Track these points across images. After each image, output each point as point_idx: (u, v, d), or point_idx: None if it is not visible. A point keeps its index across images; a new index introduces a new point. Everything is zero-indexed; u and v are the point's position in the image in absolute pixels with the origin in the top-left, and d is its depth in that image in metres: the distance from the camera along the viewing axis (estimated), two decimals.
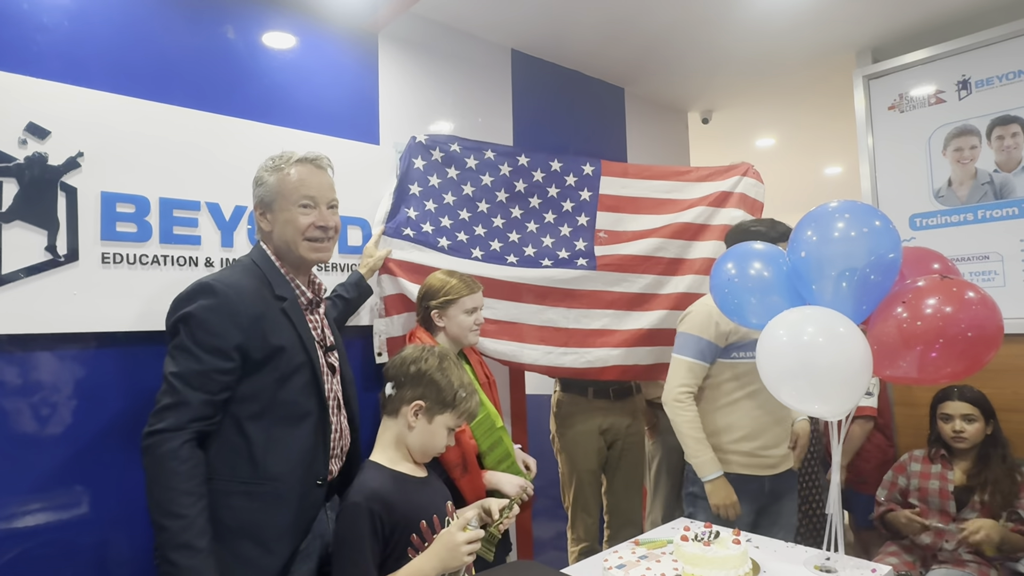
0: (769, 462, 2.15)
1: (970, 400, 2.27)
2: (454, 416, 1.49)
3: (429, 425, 1.47)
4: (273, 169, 1.52)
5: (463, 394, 1.48)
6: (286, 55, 2.12)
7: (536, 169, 2.47)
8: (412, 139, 2.29)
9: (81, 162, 1.63)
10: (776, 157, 4.98)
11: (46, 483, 1.56)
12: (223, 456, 1.38)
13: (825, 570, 1.57)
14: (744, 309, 1.83)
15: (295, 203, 1.50)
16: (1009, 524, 2.15)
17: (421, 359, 1.50)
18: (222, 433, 1.39)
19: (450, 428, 1.50)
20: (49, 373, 1.59)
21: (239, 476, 1.39)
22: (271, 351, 1.41)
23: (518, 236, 2.43)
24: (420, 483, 1.49)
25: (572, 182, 2.52)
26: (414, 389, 1.47)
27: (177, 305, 1.40)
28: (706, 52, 3.04)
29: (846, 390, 1.54)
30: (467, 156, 2.36)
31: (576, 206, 2.53)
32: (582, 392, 2.63)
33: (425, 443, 1.48)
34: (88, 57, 1.71)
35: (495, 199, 2.41)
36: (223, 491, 1.37)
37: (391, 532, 1.37)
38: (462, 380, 1.50)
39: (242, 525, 1.38)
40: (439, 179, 2.31)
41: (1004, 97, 2.58)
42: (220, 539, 1.33)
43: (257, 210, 1.54)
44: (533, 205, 2.48)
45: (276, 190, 1.50)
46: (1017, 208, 2.55)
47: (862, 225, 1.59)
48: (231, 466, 1.39)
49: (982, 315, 1.46)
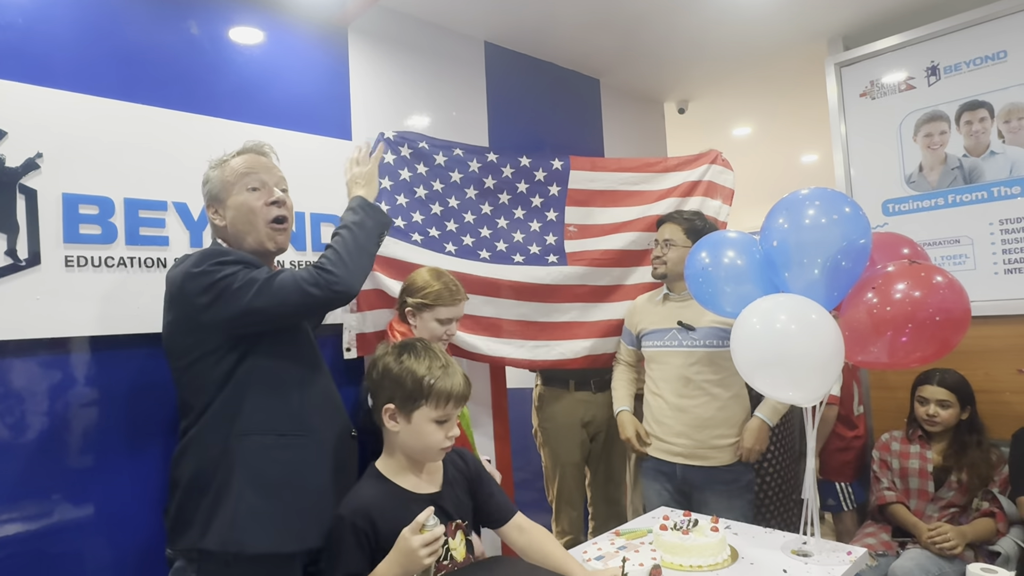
0: (675, 449, 2.18)
1: (949, 386, 2.30)
2: (432, 406, 1.35)
3: (410, 424, 1.36)
4: (217, 165, 1.54)
5: (431, 380, 1.34)
6: (253, 50, 2.09)
7: (505, 165, 2.47)
8: (380, 135, 2.27)
9: (40, 163, 1.59)
10: (753, 146, 5.01)
11: (12, 491, 1.53)
12: (260, 407, 1.41)
13: (802, 554, 1.58)
14: (718, 298, 1.84)
15: (243, 186, 1.51)
16: (984, 504, 2.19)
17: (380, 360, 1.42)
18: (255, 382, 1.41)
19: (436, 420, 1.36)
20: (12, 380, 1.55)
21: (278, 428, 1.41)
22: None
23: (489, 232, 2.43)
24: (421, 500, 1.37)
25: (541, 177, 2.52)
26: (381, 393, 1.39)
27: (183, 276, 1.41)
28: (681, 41, 3.04)
29: (819, 376, 1.56)
30: (435, 153, 2.35)
31: (545, 201, 2.53)
32: (563, 385, 2.63)
33: (415, 444, 1.37)
34: (46, 54, 1.66)
35: (464, 195, 2.40)
36: (263, 444, 1.39)
37: (377, 546, 1.31)
38: (430, 365, 1.37)
39: (287, 478, 1.40)
40: (410, 173, 2.29)
41: (972, 82, 2.61)
42: (268, 496, 1.36)
43: (209, 209, 1.54)
44: (503, 201, 2.48)
45: (221, 180, 1.51)
46: (986, 192, 2.59)
47: (833, 212, 1.60)
48: (270, 418, 1.41)
49: (950, 299, 1.48)
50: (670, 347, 2.22)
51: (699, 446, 2.14)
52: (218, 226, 1.53)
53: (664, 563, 1.49)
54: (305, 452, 1.44)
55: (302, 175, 1.92)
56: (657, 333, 2.26)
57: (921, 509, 2.30)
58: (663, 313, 2.27)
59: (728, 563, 1.54)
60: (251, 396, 1.40)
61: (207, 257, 1.40)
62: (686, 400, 2.16)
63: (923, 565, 2.09)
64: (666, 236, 2.26)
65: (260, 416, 1.40)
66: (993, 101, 2.56)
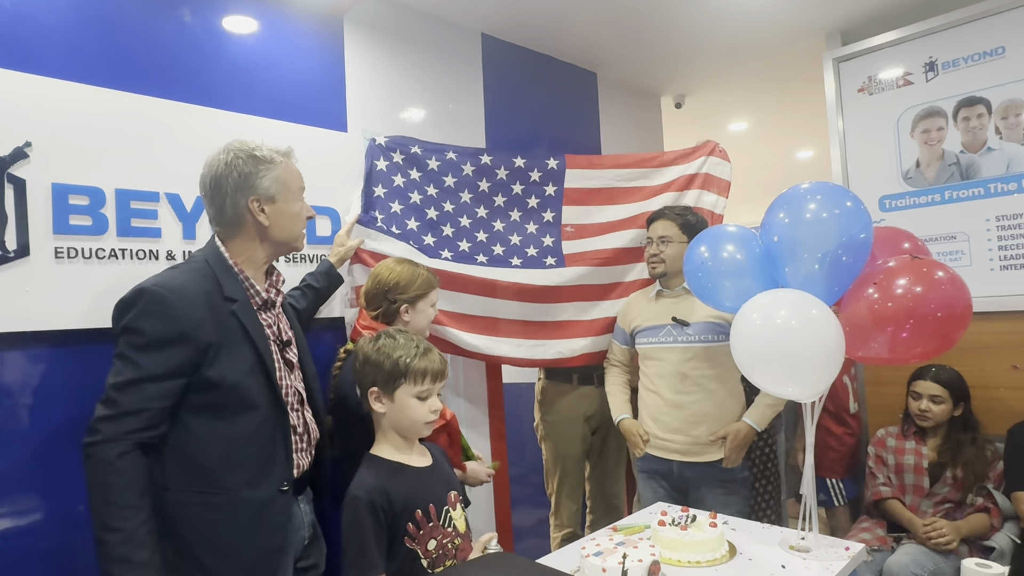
0: (671, 446, 2.17)
1: (943, 382, 2.30)
2: (411, 382, 1.43)
3: (394, 403, 1.44)
4: (268, 162, 1.45)
5: (407, 359, 1.42)
6: (247, 39, 2.05)
7: (499, 167, 2.45)
8: (372, 141, 2.24)
9: (29, 152, 1.56)
10: (749, 141, 5.00)
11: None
12: (176, 464, 1.33)
13: (800, 549, 1.58)
14: (718, 292, 1.83)
15: (298, 196, 1.51)
16: (978, 499, 2.20)
17: (360, 352, 1.49)
18: (175, 441, 1.33)
19: (418, 396, 1.44)
20: (1, 373, 1.52)
21: (194, 485, 1.34)
22: (216, 355, 1.34)
23: (485, 236, 2.41)
24: (420, 472, 1.47)
25: (536, 177, 2.50)
26: (365, 379, 1.46)
27: (118, 313, 1.34)
28: (679, 35, 3.03)
29: (819, 372, 1.55)
30: (428, 158, 2.32)
31: (541, 202, 2.51)
32: (567, 379, 2.63)
33: (402, 421, 1.45)
34: (35, 40, 1.62)
35: (459, 200, 2.38)
36: (179, 501, 1.32)
37: (393, 521, 1.37)
38: (406, 346, 1.45)
39: (199, 536, 1.33)
40: (403, 179, 2.28)
41: (970, 78, 2.61)
42: (180, 553, 1.30)
43: (254, 203, 1.44)
44: (498, 204, 2.46)
45: (281, 183, 1.46)
46: (983, 188, 2.59)
47: (834, 206, 1.59)
48: (186, 475, 1.33)
49: (952, 294, 1.47)
50: (665, 343, 2.20)
51: (696, 442, 2.13)
52: (262, 225, 1.45)
53: (663, 559, 1.49)
54: (221, 511, 1.35)
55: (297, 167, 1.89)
56: (652, 330, 2.25)
57: (916, 505, 2.30)
58: (657, 310, 2.26)
59: (726, 559, 1.53)
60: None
61: (121, 331, 1.31)
62: (683, 396, 2.15)
63: (918, 560, 2.09)
64: (660, 233, 2.23)
65: (177, 476, 1.34)
66: (991, 97, 2.56)
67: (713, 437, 2.11)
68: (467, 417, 2.52)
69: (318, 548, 1.62)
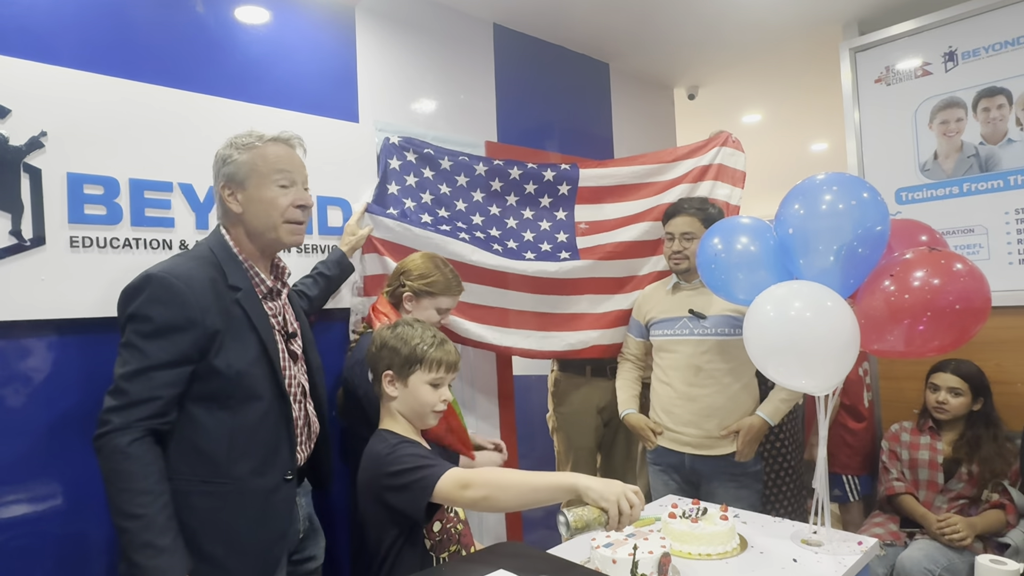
0: (683, 439, 2.16)
1: (962, 375, 2.27)
2: (426, 369, 1.46)
3: (407, 388, 1.47)
4: (244, 147, 1.44)
5: (424, 347, 1.46)
6: (259, 30, 2.05)
7: (512, 167, 2.45)
8: (386, 140, 2.26)
9: (45, 142, 1.57)
10: (763, 133, 4.95)
11: (14, 474, 1.52)
12: (180, 454, 1.32)
13: (812, 543, 1.57)
14: (731, 285, 1.82)
15: (274, 181, 1.44)
16: (994, 495, 2.17)
17: (377, 337, 1.52)
18: (179, 430, 1.33)
19: (431, 384, 1.47)
20: (17, 361, 1.54)
21: (199, 474, 1.33)
22: (223, 343, 1.34)
23: (498, 232, 2.41)
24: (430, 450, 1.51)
25: (550, 177, 2.50)
26: (380, 363, 1.49)
27: (124, 300, 1.33)
28: (693, 25, 2.99)
29: (833, 365, 1.54)
30: (440, 157, 2.33)
31: (554, 201, 2.51)
32: (580, 371, 2.64)
33: (412, 405, 1.47)
34: (51, 32, 1.63)
35: (472, 199, 2.39)
36: (183, 491, 1.31)
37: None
38: (423, 335, 1.49)
39: (204, 526, 1.32)
40: (415, 178, 2.29)
41: (990, 68, 2.56)
42: (185, 542, 1.28)
43: (225, 189, 1.44)
44: (511, 203, 2.47)
45: (250, 167, 1.43)
46: (1002, 181, 2.54)
47: (850, 198, 1.57)
48: (190, 464, 1.33)
49: (970, 287, 1.45)
50: (681, 335, 2.19)
51: (707, 435, 2.12)
52: (232, 211, 1.44)
53: (673, 551, 1.48)
54: (227, 499, 1.34)
55: (308, 157, 1.89)
56: (667, 322, 2.23)
57: (930, 500, 2.28)
58: (673, 302, 2.24)
59: (737, 552, 1.53)
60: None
61: (127, 318, 1.30)
62: (696, 389, 2.14)
63: (932, 556, 2.07)
64: (683, 230, 2.18)
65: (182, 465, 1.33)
66: (1012, 88, 2.51)
67: (725, 431, 2.09)
68: (478, 408, 2.52)
69: (315, 541, 1.63)
